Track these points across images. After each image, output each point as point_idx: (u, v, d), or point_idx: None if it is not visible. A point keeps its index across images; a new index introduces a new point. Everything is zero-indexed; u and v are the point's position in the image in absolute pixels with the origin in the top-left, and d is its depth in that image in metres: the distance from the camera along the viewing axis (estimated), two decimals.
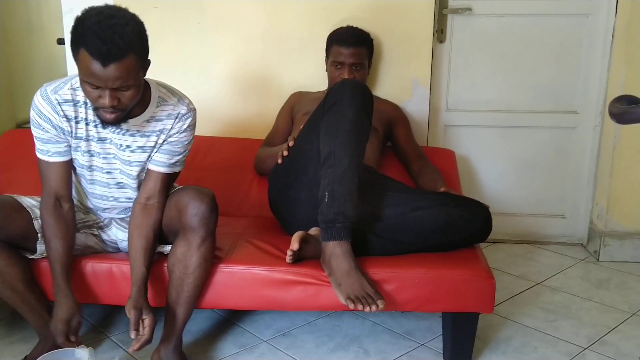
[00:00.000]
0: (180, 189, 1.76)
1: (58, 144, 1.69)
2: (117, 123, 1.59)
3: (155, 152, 1.74)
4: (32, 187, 1.85)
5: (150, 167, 1.75)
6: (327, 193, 1.74)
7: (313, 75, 2.54)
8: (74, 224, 1.75)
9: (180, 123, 1.73)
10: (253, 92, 2.61)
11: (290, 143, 2.02)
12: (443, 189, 2.08)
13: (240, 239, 1.96)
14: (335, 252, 1.71)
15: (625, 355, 1.94)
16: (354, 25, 2.40)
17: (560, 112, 2.79)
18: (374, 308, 1.62)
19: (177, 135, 1.74)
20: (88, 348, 1.58)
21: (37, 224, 1.72)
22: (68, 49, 2.08)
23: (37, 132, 1.68)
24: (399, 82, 2.58)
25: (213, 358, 1.91)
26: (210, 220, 1.68)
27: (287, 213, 2.06)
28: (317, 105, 1.93)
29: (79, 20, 1.46)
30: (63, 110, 1.65)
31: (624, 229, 2.72)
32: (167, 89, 1.74)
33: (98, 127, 1.68)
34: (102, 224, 1.89)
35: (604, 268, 2.67)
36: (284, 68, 2.58)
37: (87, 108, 1.67)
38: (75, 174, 1.79)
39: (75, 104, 1.66)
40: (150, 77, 1.67)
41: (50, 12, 4.02)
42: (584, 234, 2.90)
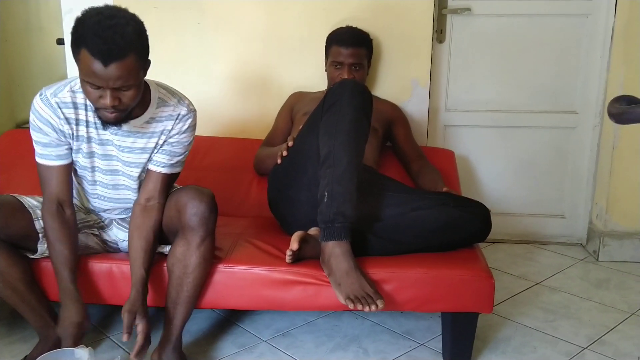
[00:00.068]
0: (180, 189, 1.76)
1: (59, 147, 1.68)
2: (118, 123, 1.59)
3: (156, 152, 1.74)
4: (32, 187, 1.85)
5: (150, 167, 1.75)
6: (326, 193, 1.74)
7: (313, 75, 2.54)
8: (77, 228, 1.75)
9: (181, 124, 1.73)
10: (253, 92, 2.61)
11: (290, 143, 2.02)
12: (445, 189, 2.08)
13: (240, 239, 1.96)
14: (335, 252, 1.71)
15: (625, 355, 1.94)
16: (354, 26, 2.40)
17: (560, 112, 2.79)
18: (374, 308, 1.62)
19: (177, 136, 1.74)
20: (88, 348, 1.58)
21: (38, 224, 1.71)
22: (68, 49, 2.09)
23: (37, 136, 1.67)
24: (399, 82, 2.58)
25: (213, 358, 1.91)
26: (210, 220, 1.68)
27: (286, 213, 2.06)
28: (316, 106, 1.94)
29: (79, 21, 1.46)
30: (63, 113, 1.65)
31: (624, 229, 2.72)
32: (166, 90, 1.74)
33: (99, 128, 1.68)
34: (102, 224, 1.89)
35: (604, 268, 2.67)
36: (284, 68, 2.58)
37: (87, 110, 1.67)
38: (77, 176, 1.79)
39: (76, 106, 1.66)
40: (150, 77, 1.67)
41: (50, 12, 4.02)
42: (584, 234, 2.90)
